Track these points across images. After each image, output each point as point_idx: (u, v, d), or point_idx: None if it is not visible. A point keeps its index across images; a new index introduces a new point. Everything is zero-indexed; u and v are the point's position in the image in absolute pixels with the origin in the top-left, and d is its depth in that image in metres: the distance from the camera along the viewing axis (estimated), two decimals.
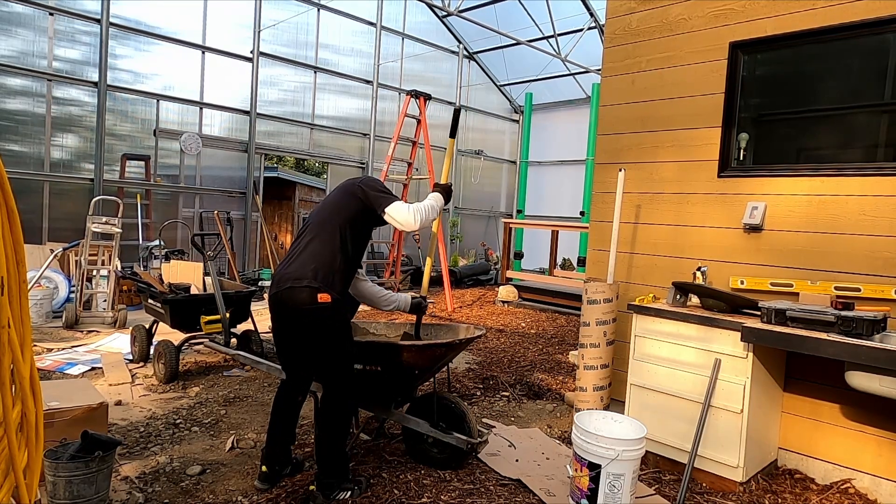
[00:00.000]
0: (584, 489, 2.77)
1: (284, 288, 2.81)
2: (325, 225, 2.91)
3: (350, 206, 2.94)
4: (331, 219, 2.92)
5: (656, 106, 4.06)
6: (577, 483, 2.81)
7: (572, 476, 2.86)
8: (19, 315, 1.59)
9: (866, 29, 3.23)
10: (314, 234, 2.91)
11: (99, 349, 5.54)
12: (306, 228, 2.98)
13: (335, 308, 2.81)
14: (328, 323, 2.80)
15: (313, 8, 10.89)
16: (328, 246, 2.85)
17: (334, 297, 2.79)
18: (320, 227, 2.91)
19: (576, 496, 2.83)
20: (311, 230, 2.94)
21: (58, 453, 2.56)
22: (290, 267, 2.86)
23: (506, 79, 14.34)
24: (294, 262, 2.87)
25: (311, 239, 2.89)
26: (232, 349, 4.68)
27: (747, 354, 3.11)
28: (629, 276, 4.19)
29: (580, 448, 2.82)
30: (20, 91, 7.92)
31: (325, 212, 2.98)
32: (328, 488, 2.85)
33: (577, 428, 2.87)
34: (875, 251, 3.17)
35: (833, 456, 3.29)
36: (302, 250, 2.88)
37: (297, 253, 2.89)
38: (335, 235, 2.87)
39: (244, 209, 10.34)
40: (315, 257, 2.83)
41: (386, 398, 3.30)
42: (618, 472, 2.72)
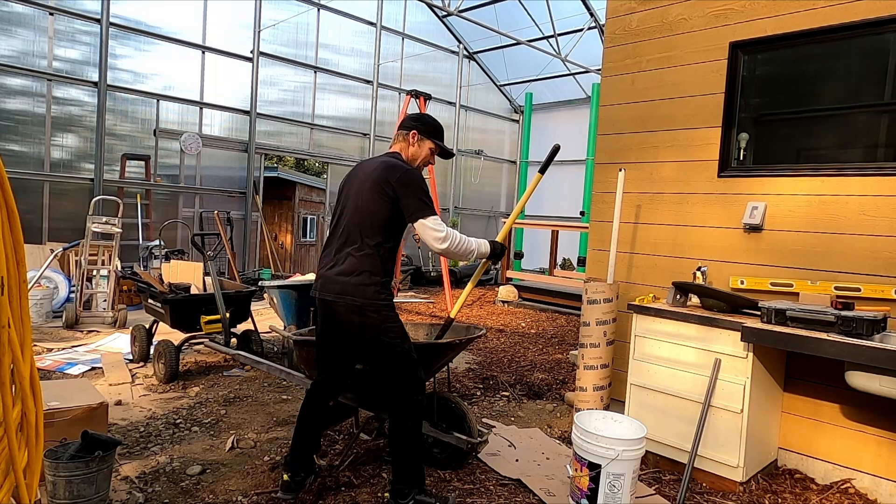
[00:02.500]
0: (584, 489, 2.77)
1: (329, 299, 2.71)
2: (362, 234, 2.69)
3: (383, 210, 2.68)
4: (367, 229, 2.69)
5: (656, 106, 4.06)
6: (577, 483, 2.81)
7: (572, 476, 2.86)
8: (19, 315, 1.59)
9: (866, 29, 3.23)
10: (352, 241, 2.71)
11: (99, 349, 5.54)
12: (341, 226, 2.79)
13: (385, 315, 2.68)
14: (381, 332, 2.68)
15: (313, 8, 10.89)
16: (367, 261, 2.66)
17: (382, 305, 2.67)
18: (357, 235, 2.70)
19: (576, 496, 2.83)
20: (347, 235, 2.74)
21: (58, 453, 2.56)
22: (333, 273, 2.71)
23: (506, 79, 14.34)
24: (336, 269, 2.71)
25: (350, 248, 2.71)
26: (232, 349, 4.68)
27: (747, 354, 3.11)
28: (629, 276, 4.19)
29: (580, 448, 2.81)
30: (20, 91, 7.92)
31: (358, 215, 2.72)
32: (400, 495, 2.70)
33: (576, 428, 2.87)
34: (875, 251, 3.17)
35: (833, 456, 3.29)
36: (343, 259, 2.71)
37: (339, 260, 2.73)
38: (374, 249, 2.67)
39: (244, 209, 10.35)
40: (357, 272, 2.66)
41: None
42: (618, 471, 2.71)
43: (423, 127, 2.92)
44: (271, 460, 3.33)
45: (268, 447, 3.52)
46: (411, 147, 2.90)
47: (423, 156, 2.93)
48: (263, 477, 3.12)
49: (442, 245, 2.68)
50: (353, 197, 2.78)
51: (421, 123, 2.93)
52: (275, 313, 6.41)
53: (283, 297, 5.58)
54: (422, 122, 2.94)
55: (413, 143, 2.90)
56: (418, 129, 2.90)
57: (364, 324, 2.68)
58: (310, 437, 2.90)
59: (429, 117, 2.99)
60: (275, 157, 12.78)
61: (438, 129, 2.99)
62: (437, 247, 2.69)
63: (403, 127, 2.93)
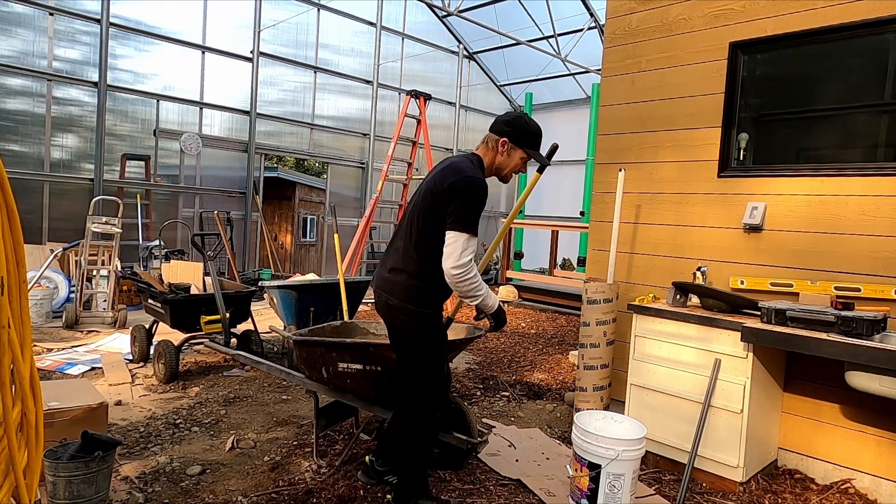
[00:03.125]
0: (584, 489, 2.77)
1: (376, 295, 2.70)
2: (411, 233, 2.57)
3: (434, 212, 2.50)
4: (416, 229, 2.55)
5: (656, 106, 4.06)
6: (577, 483, 2.81)
7: (572, 476, 2.86)
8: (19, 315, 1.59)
9: (866, 29, 3.23)
10: (401, 238, 2.62)
11: (99, 349, 5.54)
12: (402, 222, 2.69)
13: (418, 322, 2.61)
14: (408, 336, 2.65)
15: (313, 8, 10.89)
16: (409, 262, 2.57)
17: (415, 311, 2.58)
18: (407, 234, 2.59)
19: (576, 496, 2.83)
20: (400, 231, 2.67)
21: (58, 453, 2.56)
22: (380, 271, 2.69)
23: (506, 79, 14.34)
24: (383, 264, 2.69)
25: (398, 244, 2.64)
26: (232, 349, 4.68)
27: (747, 354, 3.11)
28: (629, 276, 4.19)
29: (580, 448, 2.81)
30: (20, 91, 7.93)
31: (413, 213, 2.60)
32: (402, 499, 2.67)
33: (577, 428, 2.87)
34: (875, 251, 3.17)
35: (833, 456, 3.29)
36: (391, 254, 2.66)
37: (388, 255, 2.69)
38: (419, 252, 2.55)
39: (244, 209, 10.35)
40: (397, 270, 2.59)
41: (386, 398, 3.30)
42: (618, 472, 2.71)
43: (515, 134, 2.56)
44: (271, 460, 3.33)
45: (268, 447, 3.52)
46: (499, 156, 2.60)
47: (511, 166, 2.63)
48: (263, 477, 3.12)
49: (455, 270, 2.38)
50: (416, 194, 2.65)
51: (514, 129, 2.57)
52: (275, 313, 6.41)
53: (283, 298, 5.58)
54: (515, 129, 2.57)
55: (502, 152, 2.59)
56: (510, 136, 2.56)
57: (394, 325, 2.66)
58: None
59: (524, 121, 2.60)
60: (275, 157, 12.78)
61: (535, 137, 2.61)
62: (450, 268, 2.39)
63: (494, 130, 2.60)
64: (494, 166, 2.64)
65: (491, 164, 2.63)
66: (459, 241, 2.39)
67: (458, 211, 2.42)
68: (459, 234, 2.39)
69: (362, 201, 11.97)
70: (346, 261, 8.78)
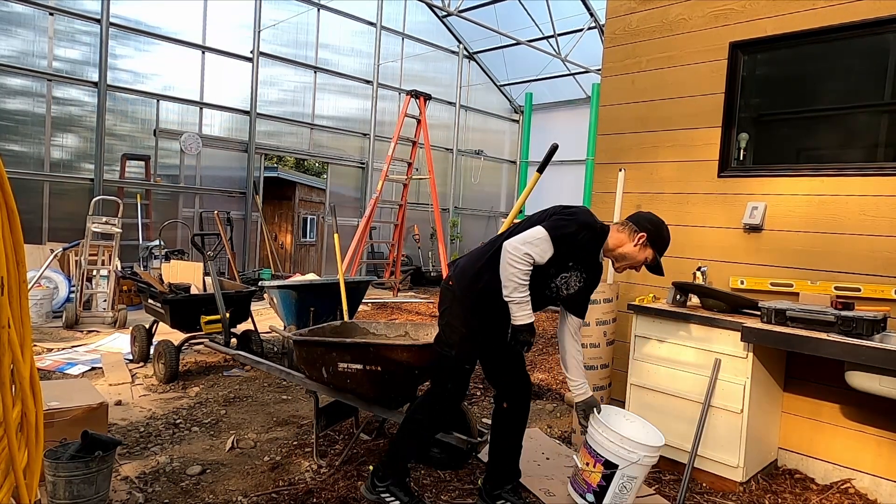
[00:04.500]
0: (594, 485, 2.72)
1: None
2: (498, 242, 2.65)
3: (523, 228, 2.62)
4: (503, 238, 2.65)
5: (656, 106, 4.06)
6: (586, 477, 2.76)
7: (581, 468, 2.79)
8: (19, 315, 1.59)
9: (866, 29, 3.23)
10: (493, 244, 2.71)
11: (99, 349, 5.54)
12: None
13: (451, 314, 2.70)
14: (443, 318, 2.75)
15: (313, 8, 10.89)
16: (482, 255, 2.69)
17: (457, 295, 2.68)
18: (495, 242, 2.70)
19: (581, 489, 2.79)
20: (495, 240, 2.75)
21: (58, 453, 2.56)
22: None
23: (506, 79, 14.33)
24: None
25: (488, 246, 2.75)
26: (232, 349, 4.68)
27: (747, 354, 3.11)
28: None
29: (599, 445, 2.72)
30: (20, 91, 7.93)
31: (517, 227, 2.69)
32: (376, 474, 2.80)
33: (599, 424, 2.76)
34: (875, 251, 3.17)
35: (833, 456, 3.29)
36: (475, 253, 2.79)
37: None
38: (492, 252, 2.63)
39: (244, 209, 10.35)
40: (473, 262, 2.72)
41: (386, 398, 3.30)
42: (633, 475, 2.68)
43: (655, 236, 2.61)
44: (271, 460, 3.33)
45: (268, 447, 3.52)
46: (631, 245, 2.61)
47: (632, 261, 2.65)
48: (263, 477, 3.12)
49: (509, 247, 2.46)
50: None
51: (656, 231, 2.62)
52: (275, 313, 6.41)
53: (283, 297, 5.58)
54: (657, 231, 2.62)
55: (637, 244, 2.60)
56: (650, 234, 2.60)
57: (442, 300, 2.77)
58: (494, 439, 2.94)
59: (666, 229, 2.67)
60: (275, 157, 12.78)
61: (666, 245, 2.69)
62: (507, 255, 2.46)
63: (637, 223, 2.63)
64: (619, 251, 2.65)
65: (617, 246, 2.64)
66: (535, 230, 2.48)
67: (549, 220, 2.54)
68: (541, 229, 2.48)
69: (362, 201, 11.97)
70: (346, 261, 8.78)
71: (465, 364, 2.71)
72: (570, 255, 2.56)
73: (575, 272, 2.64)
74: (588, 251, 2.61)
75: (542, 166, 3.37)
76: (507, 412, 2.85)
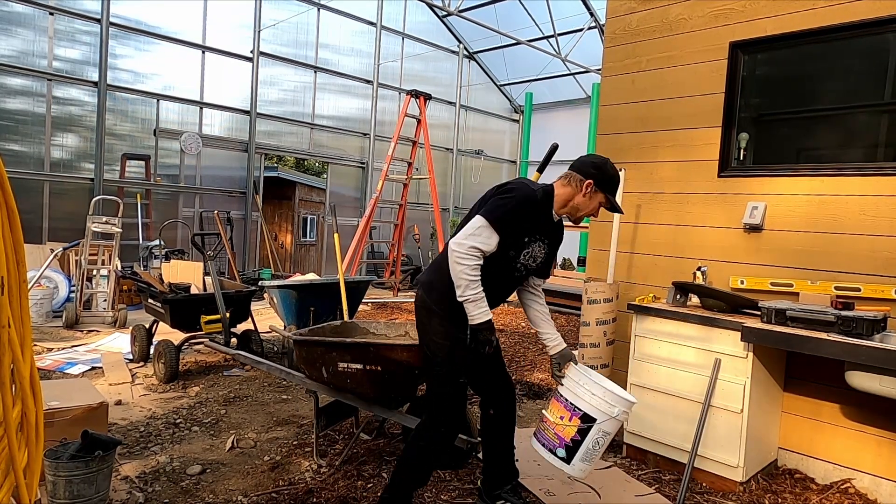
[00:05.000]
0: (567, 439, 2.58)
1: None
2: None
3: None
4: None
5: (656, 106, 4.06)
6: (559, 431, 2.62)
7: (553, 422, 2.64)
8: (19, 315, 1.59)
9: (866, 29, 3.23)
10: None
11: (99, 349, 5.54)
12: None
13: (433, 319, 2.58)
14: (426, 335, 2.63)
15: (313, 8, 10.89)
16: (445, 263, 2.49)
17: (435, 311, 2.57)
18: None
19: (551, 444, 2.64)
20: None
21: (58, 453, 2.56)
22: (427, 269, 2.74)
23: (506, 79, 14.33)
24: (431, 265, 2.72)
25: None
26: (232, 349, 4.68)
27: (747, 354, 3.11)
28: (629, 276, 4.19)
29: (579, 398, 2.60)
30: (20, 91, 7.93)
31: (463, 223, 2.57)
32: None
33: (580, 376, 2.65)
34: (875, 251, 3.17)
35: (833, 456, 3.29)
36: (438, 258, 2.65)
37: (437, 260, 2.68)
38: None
39: (244, 209, 10.35)
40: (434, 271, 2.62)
41: (386, 398, 3.30)
42: (608, 430, 2.58)
43: (602, 178, 2.53)
44: (271, 460, 3.33)
45: (268, 447, 3.52)
46: (580, 195, 2.54)
47: (588, 209, 2.58)
48: (263, 477, 3.12)
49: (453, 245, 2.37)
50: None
51: (601, 174, 2.53)
52: (275, 313, 6.41)
53: (283, 297, 5.58)
54: (602, 174, 2.53)
55: (585, 194, 2.53)
56: (596, 179, 2.52)
57: (419, 319, 2.66)
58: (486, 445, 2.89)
59: (611, 167, 2.58)
60: (275, 157, 12.78)
61: (616, 182, 2.61)
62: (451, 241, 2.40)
63: (580, 171, 2.54)
64: (571, 204, 2.58)
65: (568, 200, 2.57)
66: (476, 223, 2.38)
67: (492, 203, 2.43)
68: (480, 218, 2.38)
69: (362, 201, 11.97)
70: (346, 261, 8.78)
71: (460, 376, 2.61)
72: (521, 232, 2.48)
73: (536, 243, 2.56)
74: (537, 220, 2.52)
75: (542, 166, 3.38)
76: (495, 418, 2.82)
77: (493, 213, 2.39)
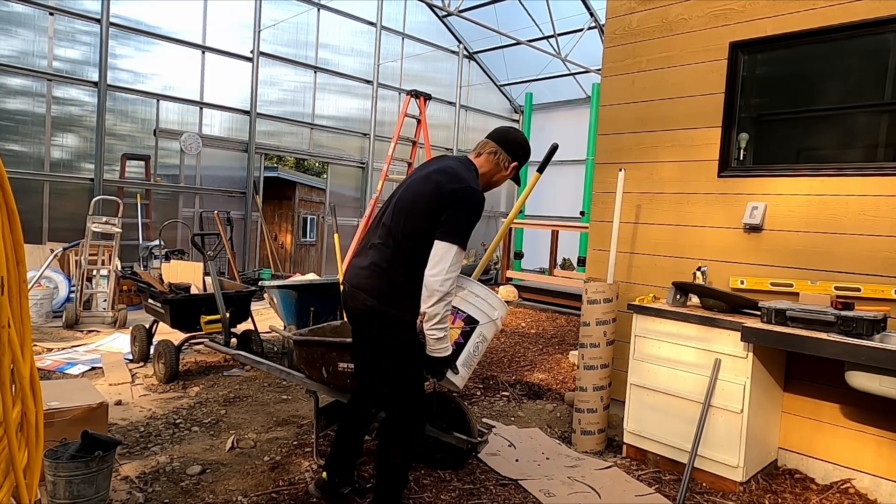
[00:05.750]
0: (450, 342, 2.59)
1: (348, 291, 2.54)
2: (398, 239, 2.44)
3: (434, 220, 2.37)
4: (404, 235, 2.43)
5: (656, 106, 4.06)
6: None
7: None
8: (19, 315, 1.59)
9: (866, 29, 3.23)
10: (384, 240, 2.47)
11: (99, 349, 5.54)
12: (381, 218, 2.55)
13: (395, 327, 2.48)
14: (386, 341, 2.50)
15: (313, 8, 10.89)
16: (395, 267, 2.42)
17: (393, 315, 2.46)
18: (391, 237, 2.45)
19: None
20: (383, 232, 2.49)
21: (58, 453, 2.56)
22: (357, 266, 2.54)
23: (506, 79, 14.33)
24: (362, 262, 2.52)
25: (379, 247, 2.48)
26: (232, 349, 4.67)
27: (747, 354, 3.11)
28: (629, 276, 4.19)
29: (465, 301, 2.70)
30: (20, 91, 7.92)
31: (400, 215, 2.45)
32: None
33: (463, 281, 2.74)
34: (875, 251, 3.17)
35: (833, 456, 3.29)
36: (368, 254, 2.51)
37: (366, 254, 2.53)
38: (413, 259, 2.40)
39: (244, 209, 10.35)
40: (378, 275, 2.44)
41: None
42: (486, 335, 2.75)
43: (524, 158, 2.64)
44: (271, 460, 3.33)
45: (268, 447, 3.52)
46: (502, 173, 2.63)
47: (505, 178, 2.67)
48: (263, 477, 3.12)
49: (441, 284, 2.28)
50: (403, 190, 2.53)
51: (525, 154, 2.63)
52: (275, 313, 6.41)
53: (283, 297, 5.58)
54: (525, 153, 2.64)
55: (505, 169, 2.62)
56: (520, 161, 2.62)
57: (369, 326, 2.53)
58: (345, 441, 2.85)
59: (524, 137, 2.67)
60: (275, 157, 12.78)
61: (525, 147, 2.68)
62: (435, 278, 2.28)
63: (508, 152, 2.60)
64: (492, 181, 2.66)
65: (491, 177, 2.64)
66: (451, 253, 2.30)
67: (456, 221, 2.33)
68: (452, 246, 2.30)
69: (362, 201, 11.97)
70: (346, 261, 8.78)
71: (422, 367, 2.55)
72: None
73: None
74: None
75: (542, 166, 3.38)
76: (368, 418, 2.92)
77: (463, 237, 2.34)
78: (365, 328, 2.57)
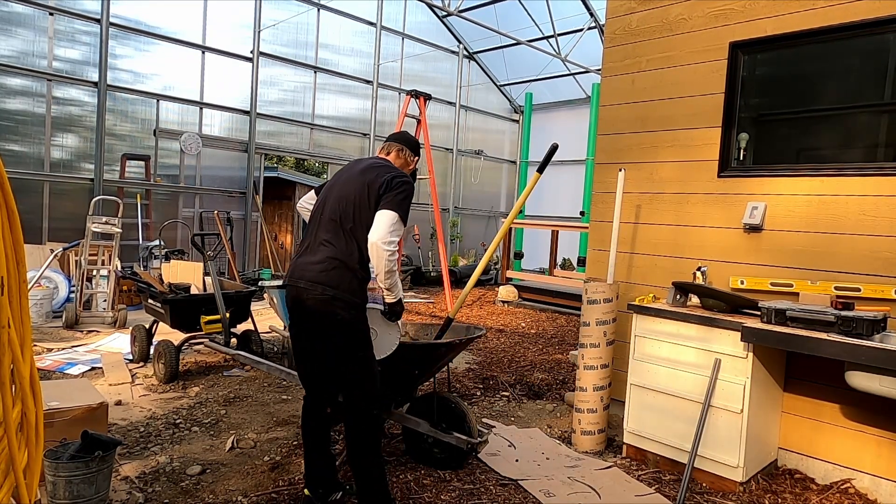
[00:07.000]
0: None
1: (302, 287, 2.63)
2: (347, 231, 2.64)
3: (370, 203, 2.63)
4: (353, 226, 2.64)
5: (656, 106, 4.06)
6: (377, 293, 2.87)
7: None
8: (19, 315, 1.59)
9: (866, 29, 3.23)
10: (334, 234, 2.65)
11: (99, 349, 5.54)
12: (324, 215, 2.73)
13: (358, 313, 2.64)
14: (351, 327, 2.61)
15: (313, 8, 10.89)
16: (349, 258, 2.62)
17: (356, 303, 2.63)
18: (341, 230, 2.65)
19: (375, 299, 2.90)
20: (331, 227, 2.67)
21: (58, 453, 2.56)
22: (308, 262, 2.66)
23: (506, 79, 14.33)
24: (313, 258, 2.65)
25: (326, 237, 2.66)
26: (232, 349, 4.68)
27: (747, 354, 3.11)
28: (629, 276, 4.19)
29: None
30: (20, 91, 7.92)
31: (347, 208, 2.66)
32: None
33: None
34: (875, 251, 3.17)
35: (833, 456, 3.29)
36: (320, 249, 2.66)
37: (314, 249, 2.68)
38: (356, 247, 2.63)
39: (244, 209, 10.34)
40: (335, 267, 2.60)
41: (386, 398, 3.30)
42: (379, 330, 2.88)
43: (417, 151, 3.12)
44: (271, 460, 3.33)
45: (268, 447, 3.52)
46: (409, 166, 3.05)
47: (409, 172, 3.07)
48: (263, 477, 3.12)
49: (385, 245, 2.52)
50: (339, 187, 2.76)
51: (418, 149, 3.12)
52: (275, 313, 6.41)
53: (283, 297, 5.57)
54: (418, 149, 3.13)
55: (411, 163, 3.05)
56: (414, 151, 3.08)
57: (338, 318, 2.59)
58: (313, 447, 2.82)
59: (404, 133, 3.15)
60: (275, 157, 12.77)
61: (415, 142, 3.16)
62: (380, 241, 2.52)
63: (410, 149, 3.04)
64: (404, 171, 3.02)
65: (402, 168, 2.99)
66: (390, 218, 2.57)
67: (395, 197, 2.62)
68: (393, 213, 2.58)
69: None
70: None
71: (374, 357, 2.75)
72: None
73: None
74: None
75: (542, 166, 3.38)
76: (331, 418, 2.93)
77: (402, 207, 2.64)
78: (319, 322, 2.64)
